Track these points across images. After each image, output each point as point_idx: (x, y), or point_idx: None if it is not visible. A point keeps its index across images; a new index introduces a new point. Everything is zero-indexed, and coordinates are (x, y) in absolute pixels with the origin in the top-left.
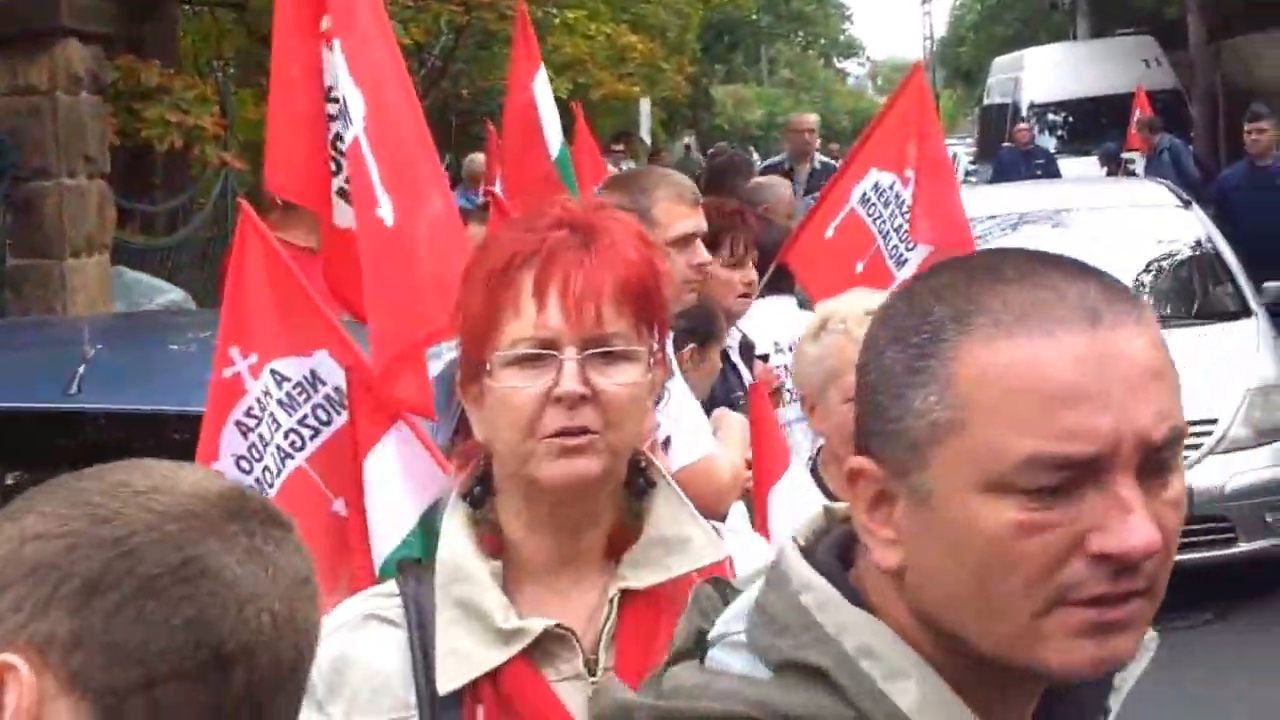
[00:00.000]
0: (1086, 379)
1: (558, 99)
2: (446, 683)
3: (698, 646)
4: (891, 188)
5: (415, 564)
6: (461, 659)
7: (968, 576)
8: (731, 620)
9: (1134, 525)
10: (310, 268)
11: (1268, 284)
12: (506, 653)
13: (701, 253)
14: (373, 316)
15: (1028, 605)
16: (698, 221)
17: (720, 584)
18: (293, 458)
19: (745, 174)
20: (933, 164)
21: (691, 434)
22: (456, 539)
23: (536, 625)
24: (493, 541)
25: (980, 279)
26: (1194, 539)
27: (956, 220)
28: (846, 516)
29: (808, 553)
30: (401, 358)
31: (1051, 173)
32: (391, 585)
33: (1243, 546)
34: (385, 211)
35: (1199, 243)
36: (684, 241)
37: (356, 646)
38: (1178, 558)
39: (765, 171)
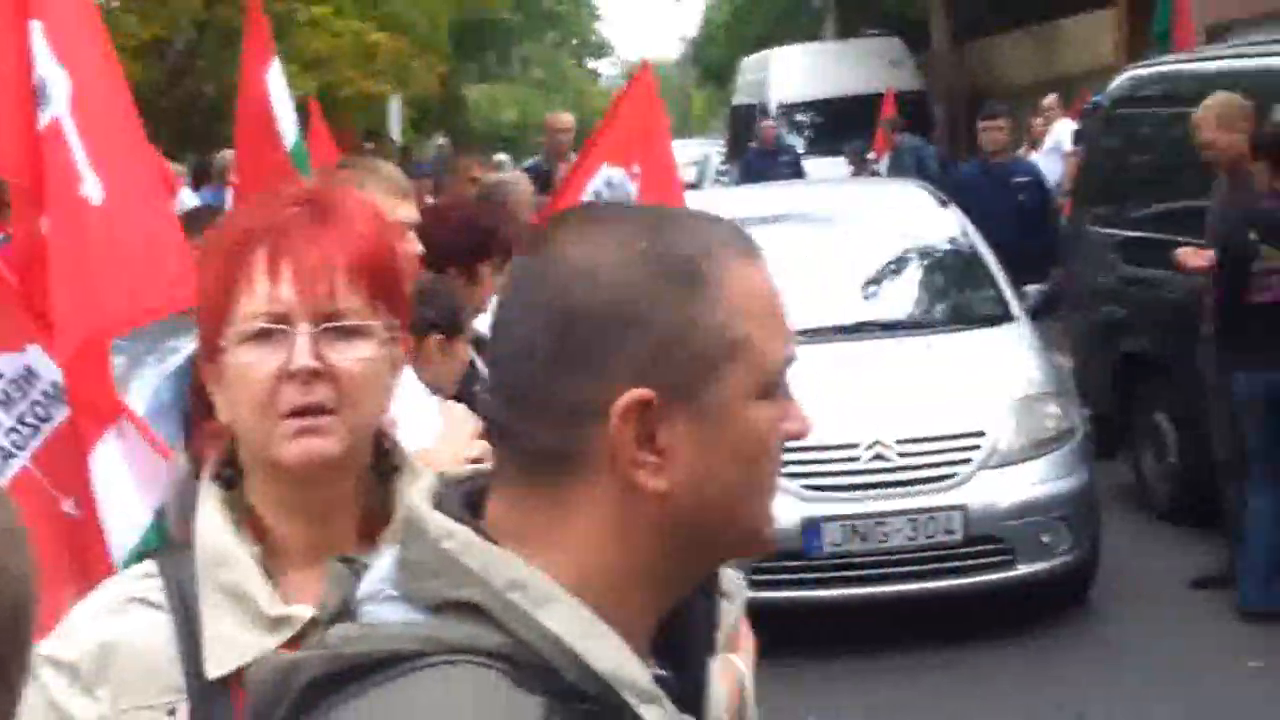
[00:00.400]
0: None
1: (305, 96)
2: (215, 668)
3: (346, 614)
4: (621, 184)
5: (166, 549)
6: (229, 645)
7: (746, 474)
8: (376, 581)
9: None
10: None
11: (1028, 287)
12: (275, 640)
13: (414, 243)
14: (62, 300)
15: (768, 486)
16: (409, 211)
17: (349, 560)
18: (16, 457)
19: (475, 152)
20: (658, 160)
21: (418, 423)
22: (213, 522)
23: (304, 613)
24: (250, 525)
25: (669, 221)
26: (969, 562)
27: None
28: (461, 480)
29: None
30: (89, 344)
31: (798, 172)
32: (150, 566)
33: (1021, 569)
34: (92, 190)
35: (959, 245)
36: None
37: (122, 630)
38: (956, 582)
39: (526, 173)
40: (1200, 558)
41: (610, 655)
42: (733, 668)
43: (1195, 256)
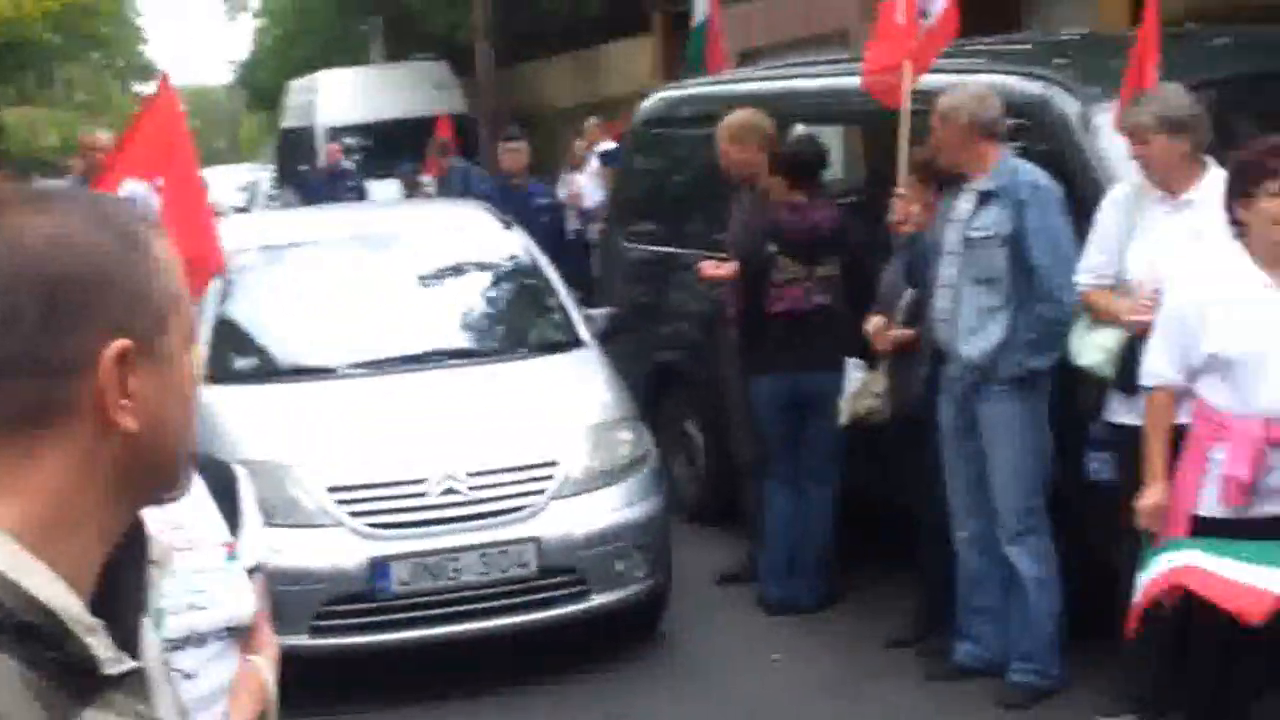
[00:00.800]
0: None
1: None
2: None
3: None
4: (145, 197)
5: None
6: None
7: (184, 413)
8: None
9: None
10: None
11: (594, 311)
12: None
13: None
14: None
15: (192, 424)
16: None
17: None
18: None
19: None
20: (181, 173)
21: None
22: None
23: None
24: None
25: (100, 199)
26: (544, 595)
27: (205, 229)
28: None
29: None
30: None
31: (361, 195)
32: None
33: (596, 600)
34: None
35: (525, 269)
36: None
37: None
38: (531, 617)
39: None
40: (726, 556)
41: (47, 587)
42: (254, 669)
43: (717, 268)
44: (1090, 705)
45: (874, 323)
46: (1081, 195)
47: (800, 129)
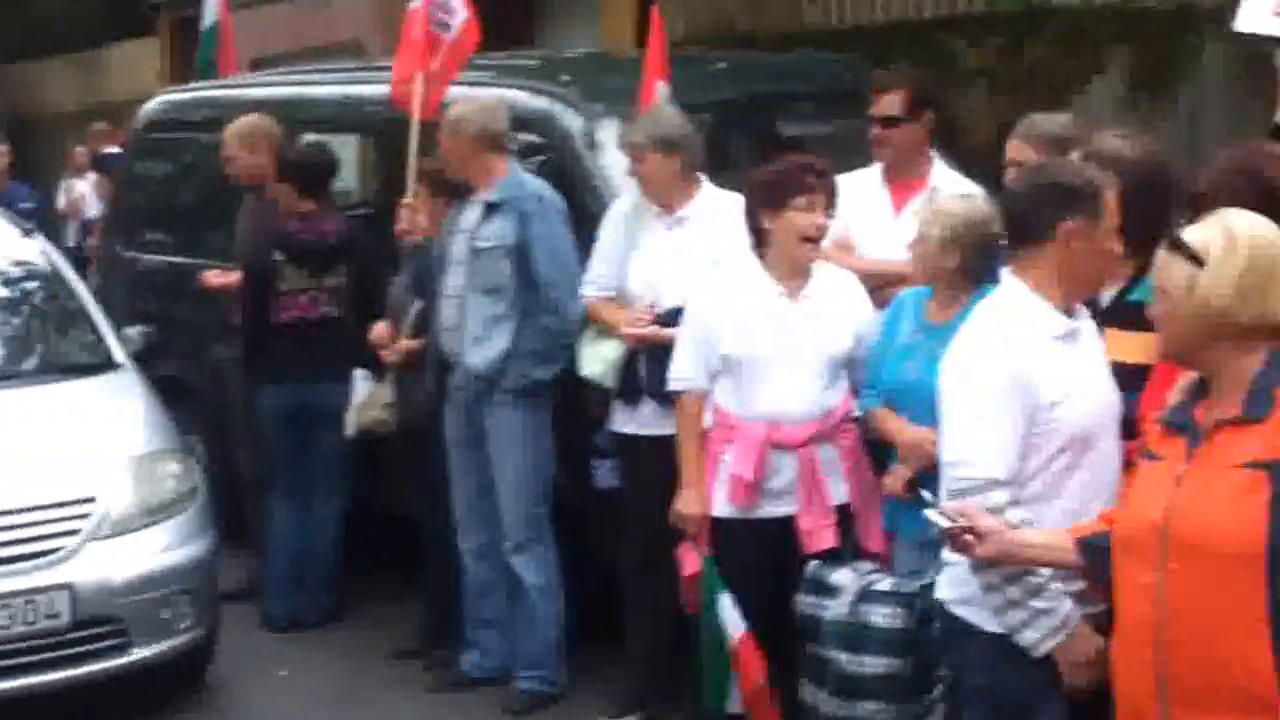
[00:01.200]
0: None
1: None
2: None
3: None
4: None
5: None
6: None
7: None
8: None
9: None
10: None
11: (129, 330)
12: None
13: None
14: None
15: None
16: None
17: None
18: None
19: None
20: None
21: None
22: None
23: None
24: None
25: None
26: (79, 649)
27: None
28: None
29: None
30: None
31: None
32: None
33: (137, 653)
34: None
35: (49, 282)
36: None
37: None
38: (63, 674)
39: None
40: (228, 574)
41: None
42: None
43: (219, 277)
44: (593, 708)
45: (378, 332)
46: (585, 209)
47: (311, 137)
